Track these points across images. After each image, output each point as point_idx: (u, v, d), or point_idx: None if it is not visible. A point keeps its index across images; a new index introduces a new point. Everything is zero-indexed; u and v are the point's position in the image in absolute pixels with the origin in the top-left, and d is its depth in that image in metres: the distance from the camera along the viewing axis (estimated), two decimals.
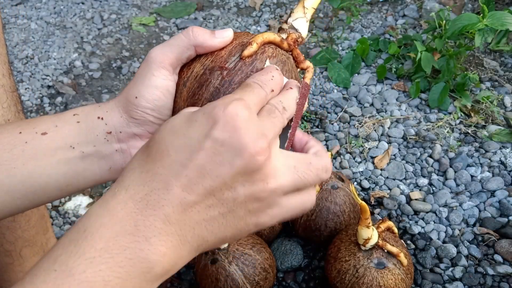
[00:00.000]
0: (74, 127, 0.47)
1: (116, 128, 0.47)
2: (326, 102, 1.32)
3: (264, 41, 0.47)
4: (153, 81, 0.46)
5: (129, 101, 0.47)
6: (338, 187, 0.94)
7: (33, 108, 1.35)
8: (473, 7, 1.59)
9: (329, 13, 1.62)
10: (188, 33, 0.46)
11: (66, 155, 0.46)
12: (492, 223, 1.02)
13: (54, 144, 0.46)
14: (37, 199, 0.48)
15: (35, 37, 1.60)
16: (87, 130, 0.47)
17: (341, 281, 0.84)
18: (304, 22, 0.50)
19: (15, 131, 0.47)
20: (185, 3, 1.71)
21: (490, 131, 1.20)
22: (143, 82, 0.46)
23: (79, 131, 0.47)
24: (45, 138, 0.46)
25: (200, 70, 0.46)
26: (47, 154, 0.46)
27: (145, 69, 0.46)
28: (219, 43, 0.46)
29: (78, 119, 0.48)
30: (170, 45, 0.46)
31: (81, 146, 0.47)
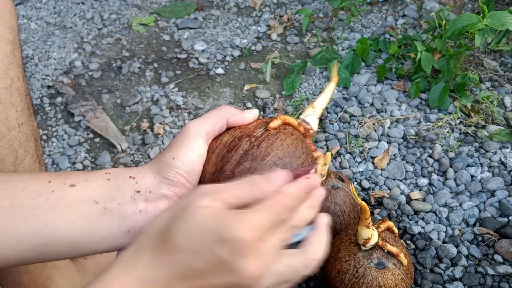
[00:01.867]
0: (103, 183, 0.48)
1: (147, 187, 0.49)
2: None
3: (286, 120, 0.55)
4: (190, 146, 0.50)
5: (165, 162, 0.49)
6: (338, 187, 0.94)
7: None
8: (473, 7, 1.59)
9: (329, 13, 1.62)
10: (221, 108, 0.52)
11: (88, 209, 0.47)
12: (492, 223, 1.02)
13: (79, 197, 0.47)
14: (44, 254, 0.47)
15: (35, 37, 1.60)
16: (116, 187, 0.48)
17: (341, 281, 0.84)
18: (314, 118, 0.58)
19: (44, 179, 0.47)
20: (185, 3, 1.71)
21: (490, 131, 1.20)
22: (180, 146, 0.50)
23: (107, 187, 0.48)
24: (72, 190, 0.47)
25: (229, 138, 0.52)
26: (69, 206, 0.46)
27: (182, 137, 0.50)
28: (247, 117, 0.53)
29: (109, 176, 0.49)
30: (206, 118, 0.51)
31: (105, 202, 0.47)
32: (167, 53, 1.53)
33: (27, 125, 0.67)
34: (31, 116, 0.70)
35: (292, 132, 0.54)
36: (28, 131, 0.67)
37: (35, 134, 0.70)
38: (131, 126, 1.30)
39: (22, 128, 0.65)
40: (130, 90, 1.40)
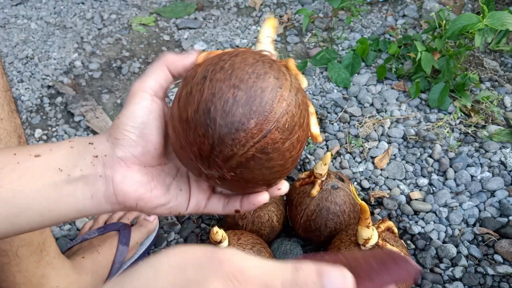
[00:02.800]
0: (66, 151, 0.48)
1: (103, 151, 0.48)
2: (326, 102, 1.32)
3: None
4: (134, 102, 0.48)
5: (114, 123, 0.49)
6: (338, 187, 0.94)
7: (33, 108, 1.35)
8: (473, 7, 1.59)
9: (329, 13, 1.62)
10: (159, 58, 0.49)
11: (53, 177, 0.47)
12: (492, 223, 1.02)
13: (44, 166, 0.47)
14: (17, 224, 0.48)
15: (35, 37, 1.60)
16: (78, 154, 0.48)
17: None
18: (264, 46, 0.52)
19: (10, 152, 0.48)
20: (185, 3, 1.71)
21: (490, 131, 1.20)
22: (125, 105, 0.49)
23: (70, 155, 0.48)
24: (37, 160, 0.47)
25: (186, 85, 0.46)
26: (35, 176, 0.47)
27: (128, 98, 0.49)
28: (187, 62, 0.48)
29: (72, 144, 0.49)
30: (146, 74, 0.49)
31: (69, 169, 0.47)
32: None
33: (8, 121, 0.67)
34: (13, 113, 0.70)
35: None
36: (10, 127, 0.67)
37: (19, 131, 0.70)
38: None
39: (2, 124, 0.66)
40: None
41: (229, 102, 0.42)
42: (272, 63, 0.46)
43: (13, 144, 0.68)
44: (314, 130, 0.49)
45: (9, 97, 0.69)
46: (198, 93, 0.43)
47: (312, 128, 0.49)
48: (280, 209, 0.97)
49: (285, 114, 0.43)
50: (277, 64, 0.46)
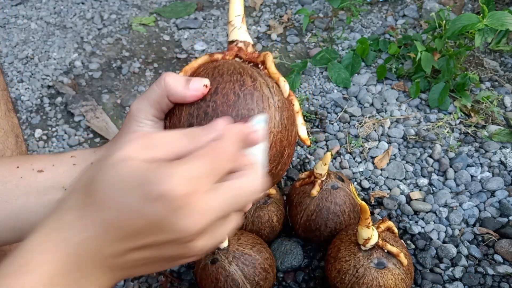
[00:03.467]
0: (69, 169, 0.48)
1: None
2: (326, 102, 1.32)
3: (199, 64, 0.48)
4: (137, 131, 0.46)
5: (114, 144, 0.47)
6: (338, 187, 0.94)
7: (33, 108, 1.35)
8: (473, 7, 1.59)
9: (329, 13, 1.62)
10: (160, 84, 0.45)
11: (57, 195, 0.47)
12: (492, 223, 1.02)
13: (48, 183, 0.47)
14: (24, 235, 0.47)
15: (35, 37, 1.60)
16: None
17: (341, 281, 0.84)
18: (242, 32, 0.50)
19: (12, 165, 0.48)
20: (185, 3, 1.71)
21: (490, 131, 1.20)
22: (127, 132, 0.46)
23: (73, 173, 0.48)
24: (40, 175, 0.47)
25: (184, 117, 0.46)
26: (39, 192, 0.47)
27: (130, 121, 0.47)
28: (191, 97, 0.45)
29: (75, 161, 0.49)
30: (147, 98, 0.46)
31: None
32: (167, 53, 1.53)
33: (5, 121, 0.67)
34: (10, 112, 0.70)
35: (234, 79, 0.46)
36: (7, 126, 0.67)
37: (16, 130, 0.70)
38: None
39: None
40: (130, 90, 1.40)
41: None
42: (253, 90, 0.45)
43: (11, 143, 0.68)
44: (301, 133, 0.49)
45: (6, 97, 0.69)
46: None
47: (300, 131, 0.49)
48: (280, 209, 0.97)
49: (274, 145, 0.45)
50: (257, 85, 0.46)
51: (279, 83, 0.48)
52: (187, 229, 0.35)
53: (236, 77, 0.46)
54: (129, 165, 0.36)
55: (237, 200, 0.37)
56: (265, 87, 0.46)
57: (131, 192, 0.35)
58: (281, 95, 0.47)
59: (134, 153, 0.36)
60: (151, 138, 0.38)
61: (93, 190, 0.36)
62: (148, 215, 0.35)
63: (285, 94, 0.48)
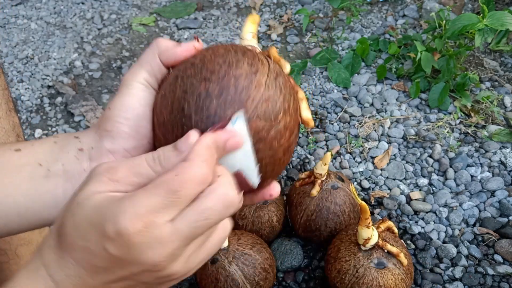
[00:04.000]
0: (48, 146, 0.46)
1: (89, 144, 0.45)
2: (326, 102, 1.32)
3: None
4: (126, 92, 0.44)
5: (104, 115, 0.45)
6: (338, 187, 0.94)
7: (33, 108, 1.35)
8: (473, 7, 1.59)
9: (329, 13, 1.62)
10: (151, 46, 0.45)
11: (31, 172, 0.44)
12: (492, 223, 1.02)
13: (23, 160, 0.44)
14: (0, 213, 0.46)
15: (35, 37, 1.60)
16: (60, 149, 0.45)
17: (341, 281, 0.84)
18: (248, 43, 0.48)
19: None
20: (185, 3, 1.71)
21: (490, 131, 1.20)
22: (117, 95, 0.45)
23: (51, 149, 0.45)
24: (17, 154, 0.45)
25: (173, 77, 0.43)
26: (12, 170, 0.44)
27: (120, 86, 0.45)
28: (181, 51, 0.43)
29: (56, 140, 0.46)
30: (138, 62, 0.45)
31: (49, 164, 0.44)
32: None
33: (6, 120, 0.67)
34: (11, 112, 0.69)
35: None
36: (8, 125, 0.67)
37: (17, 130, 0.70)
38: None
39: (0, 123, 0.65)
40: None
41: (201, 96, 0.39)
42: (246, 50, 0.43)
43: (11, 143, 0.68)
44: (304, 114, 0.45)
45: (7, 96, 0.69)
46: (171, 93, 0.41)
47: (303, 113, 0.45)
48: (280, 209, 0.97)
49: (266, 100, 0.40)
50: (253, 51, 0.43)
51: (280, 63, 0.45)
52: (151, 261, 0.35)
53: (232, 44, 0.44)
54: (92, 202, 0.36)
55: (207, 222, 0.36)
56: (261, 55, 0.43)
57: (91, 232, 0.35)
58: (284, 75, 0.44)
59: (99, 187, 0.36)
60: (117, 168, 0.37)
61: (63, 232, 0.37)
62: (110, 254, 0.35)
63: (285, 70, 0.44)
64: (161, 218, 0.34)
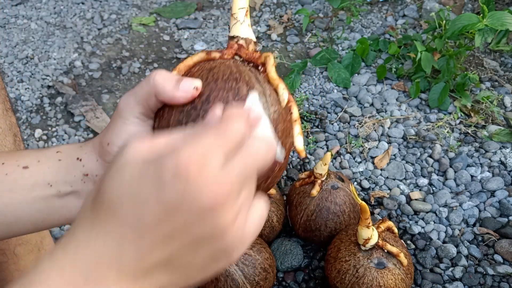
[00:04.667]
0: (54, 165, 0.47)
1: (93, 171, 0.47)
2: (326, 102, 1.32)
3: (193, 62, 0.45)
4: (124, 128, 0.44)
5: (103, 147, 0.46)
6: (338, 187, 0.94)
7: (33, 108, 1.35)
8: (473, 7, 1.59)
9: (329, 13, 1.62)
10: (148, 81, 0.43)
11: (43, 192, 0.47)
12: (492, 223, 1.02)
13: (33, 180, 0.46)
14: (9, 231, 0.48)
15: (35, 37, 1.60)
16: (66, 170, 0.47)
17: (341, 281, 0.84)
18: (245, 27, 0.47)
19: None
20: (185, 3, 1.71)
21: (490, 131, 1.20)
22: (114, 129, 0.45)
23: (58, 169, 0.47)
24: (25, 172, 0.47)
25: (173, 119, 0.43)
26: (25, 189, 0.46)
27: (116, 117, 0.45)
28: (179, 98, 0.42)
29: (60, 157, 0.48)
30: (134, 95, 0.44)
31: (59, 185, 0.47)
32: (167, 53, 1.53)
33: (2, 119, 0.67)
34: (8, 111, 0.69)
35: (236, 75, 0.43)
36: (4, 125, 0.67)
37: (14, 129, 0.70)
38: None
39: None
40: None
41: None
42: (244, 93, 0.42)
43: (8, 142, 0.68)
44: (297, 144, 0.45)
45: (3, 96, 0.69)
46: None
47: (296, 142, 0.45)
48: (280, 209, 0.97)
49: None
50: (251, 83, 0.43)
51: (277, 91, 0.44)
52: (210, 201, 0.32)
53: (231, 85, 0.43)
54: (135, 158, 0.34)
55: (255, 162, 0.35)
56: (261, 97, 0.43)
57: (142, 181, 0.33)
58: (279, 104, 0.44)
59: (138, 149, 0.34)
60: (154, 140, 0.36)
61: (102, 199, 0.34)
62: (165, 198, 0.32)
63: (283, 104, 0.44)
64: (216, 155, 0.33)
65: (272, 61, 0.45)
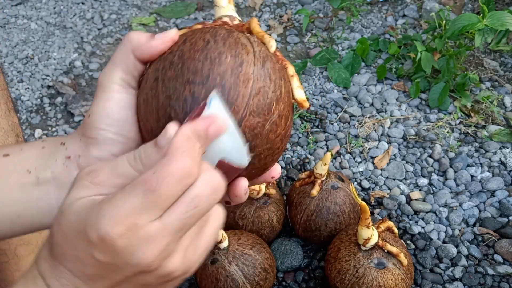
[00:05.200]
0: (36, 152, 0.45)
1: (75, 152, 0.43)
2: (326, 102, 1.32)
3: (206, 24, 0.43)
4: (104, 96, 0.42)
5: (85, 122, 0.43)
6: (338, 187, 0.94)
7: (33, 108, 1.35)
8: (473, 7, 1.59)
9: (329, 13, 1.62)
10: (124, 41, 0.42)
11: (21, 179, 0.44)
12: (492, 223, 1.02)
13: (12, 166, 0.44)
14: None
15: (35, 37, 1.60)
16: (48, 155, 0.44)
17: (341, 281, 0.84)
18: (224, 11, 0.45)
19: None
20: (185, 3, 1.71)
21: (490, 131, 1.20)
22: (95, 101, 0.43)
23: (40, 156, 0.44)
24: (5, 159, 0.44)
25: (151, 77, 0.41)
26: (2, 177, 0.44)
27: (97, 90, 0.43)
28: (156, 45, 0.41)
29: (44, 144, 0.45)
30: (111, 61, 0.42)
31: (38, 171, 0.44)
32: None
33: (5, 120, 0.67)
34: (11, 112, 0.69)
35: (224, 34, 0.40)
36: (7, 126, 0.67)
37: (16, 130, 0.70)
38: None
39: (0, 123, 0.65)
40: None
41: (188, 101, 0.37)
42: (226, 36, 0.39)
43: (10, 143, 0.68)
44: (297, 95, 0.42)
45: (6, 96, 0.68)
46: (154, 99, 0.39)
47: (296, 94, 0.42)
48: (280, 209, 0.97)
49: (256, 94, 0.38)
50: (234, 34, 0.40)
51: (264, 41, 0.41)
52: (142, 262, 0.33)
53: (208, 29, 0.40)
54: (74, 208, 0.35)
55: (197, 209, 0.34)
56: (243, 37, 0.40)
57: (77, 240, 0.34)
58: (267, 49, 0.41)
59: (82, 192, 0.35)
60: (98, 170, 0.36)
61: (53, 242, 0.36)
62: (99, 261, 0.34)
63: (271, 49, 0.41)
64: (144, 219, 0.33)
65: (256, 20, 0.43)
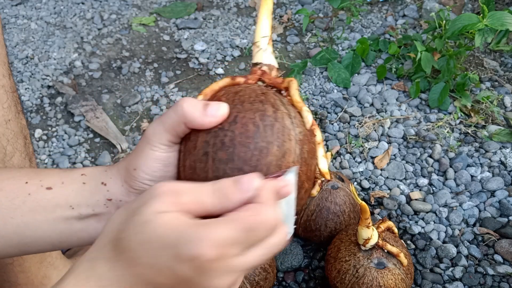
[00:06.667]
0: (78, 188, 0.48)
1: (117, 196, 0.48)
2: (326, 102, 1.32)
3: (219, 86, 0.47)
4: (151, 155, 0.45)
5: (129, 172, 0.47)
6: (338, 187, 0.94)
7: (33, 108, 1.35)
8: (473, 7, 1.59)
9: (329, 13, 1.62)
10: (177, 110, 0.44)
11: (64, 214, 0.47)
12: (492, 223, 1.02)
13: (56, 201, 0.47)
14: (27, 250, 0.49)
15: (35, 37, 1.60)
16: (90, 194, 0.48)
17: (341, 281, 0.84)
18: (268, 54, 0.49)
19: (21, 180, 0.47)
20: (185, 3, 1.71)
21: (490, 131, 1.20)
22: (141, 155, 0.46)
23: (82, 192, 0.48)
24: (48, 193, 0.47)
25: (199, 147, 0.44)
26: (46, 210, 0.47)
27: (143, 144, 0.46)
28: (209, 123, 0.43)
29: (85, 180, 0.48)
30: (162, 123, 0.45)
31: (80, 208, 0.47)
32: (167, 53, 1.53)
33: (14, 122, 0.67)
34: (20, 114, 0.69)
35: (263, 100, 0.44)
36: (16, 128, 0.67)
37: (24, 132, 0.70)
38: (131, 126, 1.30)
39: (10, 125, 0.65)
40: (130, 90, 1.40)
41: None
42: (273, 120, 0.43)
43: (20, 145, 0.68)
44: (321, 166, 0.47)
45: (16, 99, 0.69)
46: (202, 172, 0.43)
47: (320, 163, 0.47)
48: None
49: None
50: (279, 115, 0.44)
51: (301, 113, 0.46)
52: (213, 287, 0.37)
53: (257, 106, 0.44)
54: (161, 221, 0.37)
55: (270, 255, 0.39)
56: (287, 118, 0.44)
57: (163, 251, 0.37)
58: (303, 126, 0.46)
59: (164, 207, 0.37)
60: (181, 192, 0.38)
61: (125, 247, 0.38)
62: (177, 274, 0.37)
63: (307, 126, 0.46)
64: (234, 250, 0.37)
65: (296, 85, 0.47)
